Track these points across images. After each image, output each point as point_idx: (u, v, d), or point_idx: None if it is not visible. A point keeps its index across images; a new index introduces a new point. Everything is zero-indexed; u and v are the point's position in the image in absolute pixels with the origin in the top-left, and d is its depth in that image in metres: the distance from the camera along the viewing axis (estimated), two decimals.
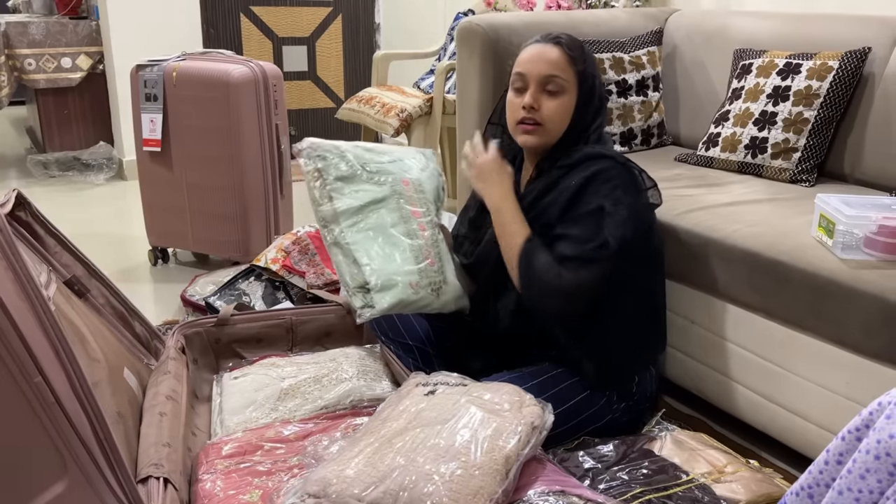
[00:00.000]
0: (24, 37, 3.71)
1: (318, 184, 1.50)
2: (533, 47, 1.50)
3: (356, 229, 1.49)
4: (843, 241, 1.40)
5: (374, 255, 1.47)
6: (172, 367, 1.53)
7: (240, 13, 4.03)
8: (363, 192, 1.51)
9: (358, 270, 1.46)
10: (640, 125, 2.27)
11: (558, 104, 1.47)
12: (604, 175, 1.42)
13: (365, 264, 1.46)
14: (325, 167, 1.50)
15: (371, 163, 1.55)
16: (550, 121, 1.47)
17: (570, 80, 1.47)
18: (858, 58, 1.85)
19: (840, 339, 1.39)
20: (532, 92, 1.47)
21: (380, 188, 1.53)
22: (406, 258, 1.49)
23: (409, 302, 1.47)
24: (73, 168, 3.91)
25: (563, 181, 1.47)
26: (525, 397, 1.28)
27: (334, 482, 1.10)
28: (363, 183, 1.52)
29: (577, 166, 1.46)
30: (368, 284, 1.45)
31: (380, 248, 1.48)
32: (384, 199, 1.52)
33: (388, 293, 1.45)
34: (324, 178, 1.50)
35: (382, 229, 1.50)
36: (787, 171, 1.90)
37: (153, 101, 2.40)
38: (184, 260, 2.73)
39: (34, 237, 1.47)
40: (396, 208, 1.53)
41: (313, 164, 1.50)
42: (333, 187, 1.50)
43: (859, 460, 0.97)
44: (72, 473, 1.02)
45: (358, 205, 1.50)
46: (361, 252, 1.47)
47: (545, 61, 1.46)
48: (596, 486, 1.30)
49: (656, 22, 2.44)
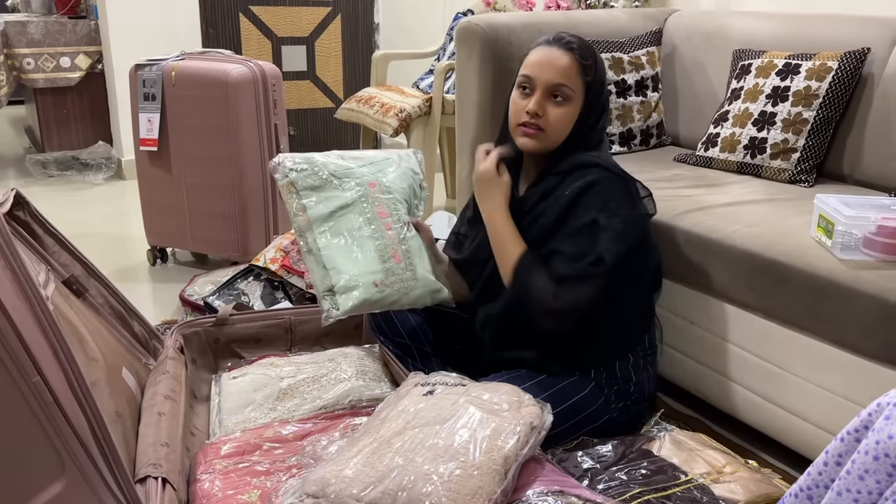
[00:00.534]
0: (23, 36, 3.71)
1: (292, 197, 1.56)
2: (544, 50, 1.47)
3: (326, 236, 1.54)
4: (842, 242, 1.40)
5: (339, 259, 1.52)
6: (171, 367, 1.53)
7: (239, 13, 4.02)
8: (332, 199, 1.57)
9: (325, 274, 1.51)
10: (640, 125, 2.27)
11: (563, 113, 1.46)
12: (597, 187, 1.42)
13: (331, 268, 1.51)
14: (296, 179, 1.56)
15: (340, 169, 1.60)
16: (553, 128, 1.46)
17: (577, 89, 1.46)
18: (857, 58, 1.85)
19: (839, 339, 1.39)
20: (538, 98, 1.45)
21: (347, 193, 1.58)
22: (370, 258, 1.53)
23: (373, 300, 1.51)
24: (71, 168, 3.91)
25: (557, 189, 1.47)
26: (524, 397, 1.28)
27: (333, 482, 1.10)
28: (332, 190, 1.58)
29: (570, 173, 1.46)
30: (334, 287, 1.50)
31: (346, 251, 1.53)
32: (351, 204, 1.58)
33: (352, 293, 1.49)
34: (297, 189, 1.56)
35: (350, 232, 1.55)
36: (786, 172, 1.90)
37: (151, 100, 2.40)
38: (182, 260, 2.72)
39: (33, 237, 1.47)
40: (362, 211, 1.58)
41: (286, 179, 1.56)
42: (305, 196, 1.56)
43: (858, 461, 0.96)
44: (70, 473, 1.02)
45: (328, 211, 1.55)
46: (328, 257, 1.52)
47: (555, 68, 1.45)
48: (595, 486, 1.30)
49: (655, 22, 2.44)
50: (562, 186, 1.46)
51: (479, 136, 2.26)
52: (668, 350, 1.73)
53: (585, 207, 1.41)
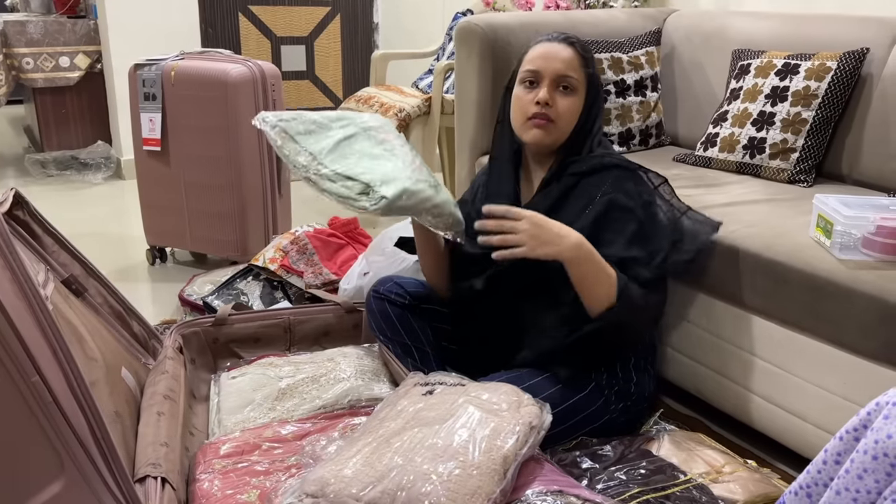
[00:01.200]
0: (22, 36, 3.71)
1: (287, 143, 1.48)
2: (546, 45, 1.50)
3: (337, 158, 1.46)
4: (841, 242, 1.40)
5: (365, 165, 1.45)
6: (170, 367, 1.53)
7: (238, 13, 4.02)
8: (333, 134, 1.51)
9: (352, 183, 1.42)
10: (639, 125, 2.27)
11: (571, 103, 1.48)
12: (627, 185, 1.45)
13: (358, 174, 1.42)
14: (288, 127, 1.49)
15: (329, 116, 1.56)
16: (562, 119, 1.47)
17: (581, 80, 1.48)
18: (857, 58, 1.85)
19: (838, 339, 1.39)
20: (547, 88, 1.47)
21: (347, 129, 1.52)
22: (395, 163, 1.47)
23: (413, 191, 1.40)
24: (70, 167, 3.91)
25: (575, 191, 1.47)
26: (523, 397, 1.28)
27: (332, 482, 1.10)
28: (329, 130, 1.52)
29: (589, 175, 1.47)
30: (369, 183, 1.40)
31: (367, 162, 1.46)
32: (355, 135, 1.51)
33: (392, 184, 1.40)
34: (291, 135, 1.49)
35: (363, 152, 1.49)
36: (785, 172, 1.90)
37: (152, 100, 2.40)
38: (182, 259, 2.72)
39: (32, 236, 1.47)
40: (368, 138, 1.52)
41: (277, 128, 1.49)
42: (302, 140, 1.49)
43: (857, 460, 0.97)
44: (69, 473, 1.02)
45: (332, 143, 1.48)
46: (349, 168, 1.44)
47: (560, 59, 1.47)
48: (594, 486, 1.30)
49: (655, 22, 2.44)
50: (582, 187, 1.46)
51: (478, 135, 2.26)
52: (667, 350, 1.73)
53: (626, 209, 1.43)
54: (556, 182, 1.50)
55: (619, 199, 1.43)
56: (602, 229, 1.42)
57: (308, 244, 2.21)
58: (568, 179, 1.48)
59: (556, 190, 1.49)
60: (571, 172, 1.48)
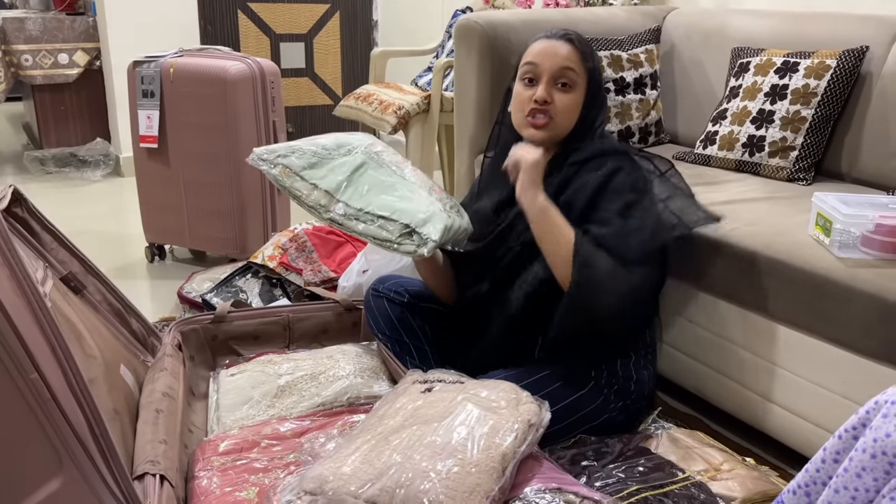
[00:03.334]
0: (21, 32, 3.70)
1: (292, 181, 1.45)
2: (544, 42, 1.49)
3: (358, 195, 1.44)
4: (840, 240, 1.40)
5: (394, 203, 1.43)
6: (169, 364, 1.53)
7: (237, 10, 4.02)
8: (340, 167, 1.47)
9: (386, 222, 1.41)
10: (638, 123, 2.27)
11: (570, 98, 1.47)
12: (624, 170, 1.44)
13: (391, 213, 1.41)
14: (290, 163, 1.46)
15: (328, 144, 1.51)
16: (561, 115, 1.47)
17: (581, 75, 1.48)
18: (856, 56, 1.85)
19: (837, 337, 1.39)
20: (545, 85, 1.47)
21: (352, 157, 1.49)
22: (419, 194, 1.45)
23: (450, 226, 1.42)
24: (69, 164, 3.91)
25: (576, 179, 1.46)
26: (522, 395, 1.28)
27: (331, 479, 1.10)
28: (334, 160, 1.48)
29: (589, 161, 1.47)
30: (409, 224, 1.40)
31: (392, 196, 1.43)
32: (363, 164, 1.48)
33: (431, 222, 1.40)
34: (295, 172, 1.45)
35: (380, 184, 1.46)
36: (784, 170, 1.90)
37: (150, 97, 2.40)
38: (180, 257, 2.72)
39: (30, 233, 1.47)
40: (378, 165, 1.49)
41: (279, 165, 1.46)
42: (308, 176, 1.46)
43: (856, 459, 0.97)
44: (68, 470, 1.02)
45: (343, 177, 1.45)
46: (382, 207, 1.42)
47: (559, 56, 1.47)
48: (592, 483, 1.30)
49: (654, 20, 2.44)
50: (581, 174, 1.46)
51: (477, 133, 2.26)
52: (667, 348, 1.73)
53: (617, 191, 1.42)
54: (556, 172, 1.50)
55: (612, 181, 1.43)
56: (593, 208, 1.43)
57: (307, 242, 2.21)
58: (568, 168, 1.48)
59: (556, 180, 1.49)
60: (571, 161, 1.48)
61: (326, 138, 1.55)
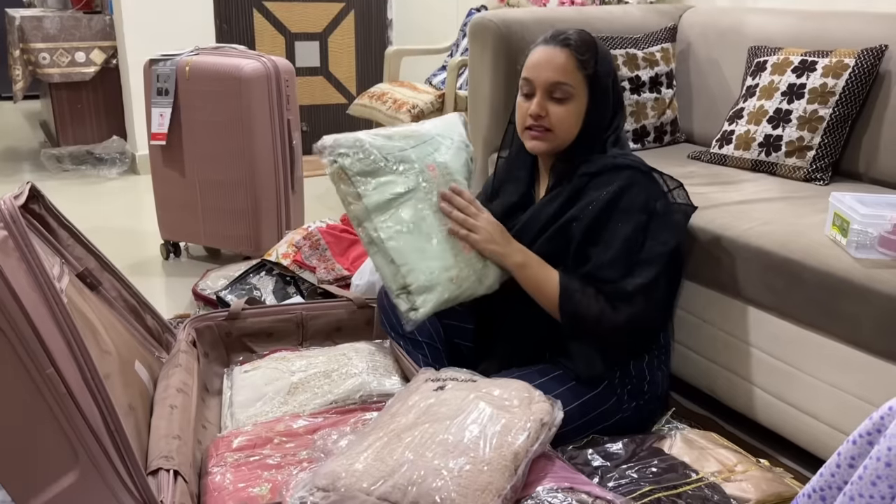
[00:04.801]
0: (39, 31, 3.73)
1: (344, 184, 1.45)
2: (540, 50, 1.47)
3: (388, 225, 1.44)
4: (858, 241, 1.39)
5: (409, 253, 1.43)
6: (183, 361, 1.54)
7: (253, 9, 4.04)
8: (388, 185, 1.45)
9: (396, 271, 1.43)
10: (654, 122, 2.26)
11: (565, 111, 1.45)
12: (635, 189, 1.42)
13: (401, 264, 1.42)
14: (347, 164, 1.44)
15: (393, 152, 1.48)
16: (558, 127, 1.45)
17: (578, 84, 1.45)
18: (875, 55, 1.83)
19: (853, 338, 1.37)
20: (538, 100, 1.45)
21: (405, 179, 1.46)
22: (442, 251, 1.45)
23: (453, 298, 1.45)
24: (86, 162, 3.94)
25: (585, 193, 1.45)
26: (534, 394, 1.27)
27: (343, 476, 1.10)
28: (388, 174, 1.45)
29: (599, 175, 1.45)
30: (409, 287, 1.42)
31: (414, 243, 1.44)
32: (412, 191, 1.46)
33: (431, 294, 1.42)
34: (348, 175, 1.44)
35: (415, 223, 1.45)
36: (801, 170, 1.89)
37: (164, 95, 2.41)
38: (195, 254, 2.74)
39: (47, 230, 1.48)
40: (425, 198, 1.47)
41: (336, 164, 1.45)
42: (359, 183, 1.44)
43: (871, 466, 0.96)
44: (83, 464, 1.03)
45: (386, 198, 1.44)
46: (396, 251, 1.43)
47: (552, 67, 1.44)
48: (605, 483, 1.29)
49: (670, 19, 2.43)
50: (591, 187, 1.45)
51: (491, 132, 2.26)
52: (680, 348, 1.72)
53: (626, 211, 1.41)
54: (566, 182, 1.49)
55: (621, 200, 1.42)
56: (600, 227, 1.43)
57: (320, 240, 2.22)
58: (579, 180, 1.47)
59: (566, 190, 1.48)
60: (582, 173, 1.47)
61: (401, 137, 1.52)
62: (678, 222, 1.51)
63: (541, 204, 1.52)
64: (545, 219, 1.48)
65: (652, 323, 1.50)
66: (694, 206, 1.55)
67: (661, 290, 1.46)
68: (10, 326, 0.98)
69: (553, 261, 1.46)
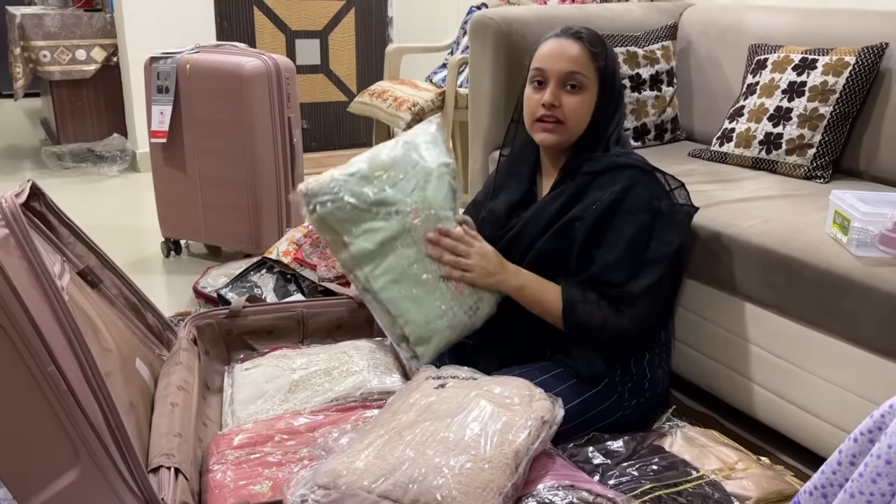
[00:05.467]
0: (40, 29, 3.73)
1: (327, 233, 1.44)
2: (553, 42, 1.47)
3: (378, 274, 1.42)
4: (858, 238, 1.39)
5: (404, 303, 1.43)
6: (184, 358, 1.54)
7: (253, 6, 4.03)
8: (373, 232, 1.42)
9: (393, 322, 1.44)
10: (654, 120, 2.26)
11: (579, 101, 1.45)
12: (638, 188, 1.43)
13: (397, 316, 1.43)
14: (328, 213, 1.41)
15: (370, 194, 1.43)
16: (571, 118, 1.45)
17: (591, 76, 1.45)
18: (875, 53, 1.83)
19: (854, 336, 1.37)
20: (552, 89, 1.45)
21: (389, 224, 1.43)
22: (435, 297, 1.44)
23: (451, 342, 1.48)
24: (86, 160, 3.94)
25: (589, 192, 1.45)
26: (535, 392, 1.28)
27: (344, 474, 1.11)
28: (370, 221, 1.42)
29: (603, 174, 1.45)
30: (408, 338, 1.45)
31: (407, 292, 1.43)
32: (397, 237, 1.43)
33: (429, 345, 1.45)
34: (330, 224, 1.42)
35: (404, 270, 1.43)
36: (801, 168, 1.89)
37: (165, 92, 2.41)
38: (196, 252, 2.74)
39: (48, 227, 1.48)
40: (412, 242, 1.44)
41: (316, 213, 1.42)
42: (342, 231, 1.42)
43: (871, 464, 0.96)
44: (84, 462, 1.03)
45: (372, 247, 1.42)
46: (390, 302, 1.43)
47: (566, 57, 1.44)
48: (605, 481, 1.29)
49: (671, 16, 2.42)
50: (594, 186, 1.45)
51: (492, 130, 2.26)
52: (681, 346, 1.72)
53: (630, 211, 1.42)
54: (569, 180, 1.49)
55: (625, 200, 1.42)
56: (604, 227, 1.43)
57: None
58: (582, 178, 1.47)
59: (569, 188, 1.48)
60: (585, 171, 1.47)
61: (387, 166, 1.46)
62: (681, 222, 1.50)
63: (543, 202, 1.52)
64: (548, 217, 1.48)
65: (656, 323, 1.50)
66: (696, 207, 1.54)
67: (665, 290, 1.46)
68: (12, 324, 0.98)
69: (556, 260, 1.46)
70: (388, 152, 1.49)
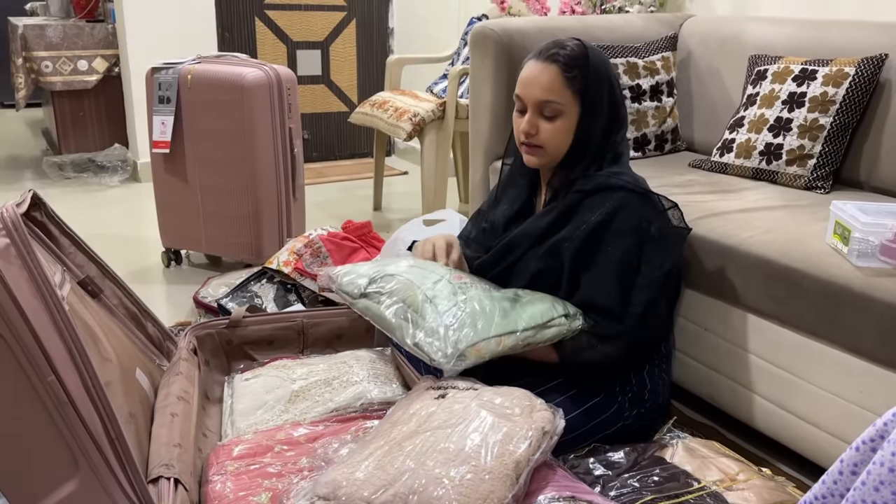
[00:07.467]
0: (42, 39, 3.75)
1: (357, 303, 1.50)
2: (530, 66, 1.47)
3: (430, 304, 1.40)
4: (859, 249, 1.39)
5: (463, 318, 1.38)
6: (184, 369, 1.54)
7: (254, 17, 4.05)
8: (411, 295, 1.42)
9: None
10: (654, 131, 2.27)
11: (555, 128, 1.46)
12: (627, 210, 1.42)
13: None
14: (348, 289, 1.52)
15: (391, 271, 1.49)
16: (549, 144, 1.47)
17: (566, 101, 1.44)
18: (875, 64, 1.84)
19: (854, 347, 1.37)
20: (529, 118, 1.47)
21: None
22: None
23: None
24: (87, 170, 3.95)
25: (578, 211, 1.46)
26: (536, 402, 1.27)
27: (344, 484, 1.10)
28: (379, 305, 1.46)
29: (593, 195, 1.45)
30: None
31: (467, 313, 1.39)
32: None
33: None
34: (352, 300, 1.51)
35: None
36: (802, 178, 1.89)
37: (166, 103, 2.42)
38: (196, 262, 2.74)
39: (49, 237, 1.48)
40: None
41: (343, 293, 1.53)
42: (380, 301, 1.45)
43: (873, 472, 0.95)
44: (83, 472, 1.03)
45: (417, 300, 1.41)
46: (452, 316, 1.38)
47: (539, 86, 1.44)
48: (606, 492, 1.29)
49: (671, 27, 2.43)
50: (584, 207, 1.45)
51: (492, 140, 2.26)
52: (682, 357, 1.72)
53: (618, 234, 1.42)
54: (561, 197, 1.50)
55: (613, 223, 1.42)
56: (591, 250, 1.43)
57: (322, 247, 2.22)
58: (573, 196, 1.48)
59: (560, 205, 1.49)
60: (577, 189, 1.48)
61: (381, 278, 1.49)
62: (673, 244, 1.50)
63: (535, 217, 1.53)
64: (537, 233, 1.50)
65: (653, 343, 1.52)
66: (688, 228, 1.55)
67: (659, 312, 1.46)
68: (12, 333, 0.98)
69: (549, 280, 1.47)
70: (406, 268, 1.52)
